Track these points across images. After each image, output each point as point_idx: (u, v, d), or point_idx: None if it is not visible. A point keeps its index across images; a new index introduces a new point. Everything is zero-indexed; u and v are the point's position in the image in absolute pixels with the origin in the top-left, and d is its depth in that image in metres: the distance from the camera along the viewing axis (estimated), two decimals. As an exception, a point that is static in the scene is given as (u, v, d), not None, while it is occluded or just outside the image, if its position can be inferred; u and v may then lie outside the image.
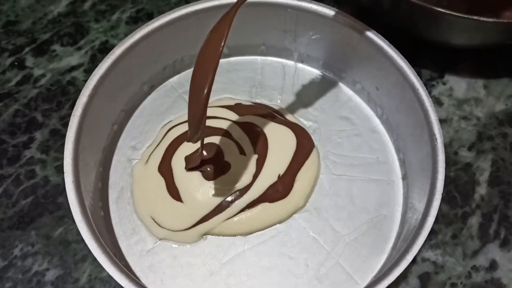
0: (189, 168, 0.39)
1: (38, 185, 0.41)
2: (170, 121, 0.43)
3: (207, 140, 0.40)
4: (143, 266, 0.38)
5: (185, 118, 0.42)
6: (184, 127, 0.41)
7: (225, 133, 0.41)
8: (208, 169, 0.39)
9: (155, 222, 0.39)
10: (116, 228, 0.39)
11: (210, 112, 0.41)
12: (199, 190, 0.39)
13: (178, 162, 0.40)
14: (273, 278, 0.37)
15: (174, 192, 0.39)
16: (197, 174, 0.39)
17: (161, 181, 0.40)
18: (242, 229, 0.39)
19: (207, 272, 0.38)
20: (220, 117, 0.42)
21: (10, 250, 0.39)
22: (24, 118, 0.44)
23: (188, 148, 0.40)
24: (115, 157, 0.42)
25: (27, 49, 0.47)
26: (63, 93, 0.45)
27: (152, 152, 0.41)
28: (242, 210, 0.39)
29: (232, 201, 0.39)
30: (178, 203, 0.39)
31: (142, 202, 0.40)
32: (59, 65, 0.46)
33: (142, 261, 0.38)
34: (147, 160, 0.41)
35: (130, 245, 0.38)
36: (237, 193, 0.39)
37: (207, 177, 0.39)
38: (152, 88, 0.44)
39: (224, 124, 0.41)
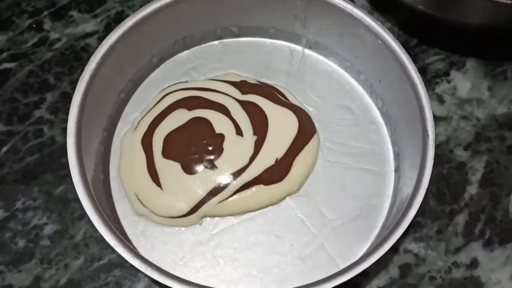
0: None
1: (45, 144, 0.43)
2: (170, 85, 0.44)
3: (201, 113, 0.41)
4: (136, 230, 0.39)
5: (187, 85, 0.43)
6: (183, 94, 0.42)
7: (224, 110, 0.41)
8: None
9: (138, 199, 0.39)
10: (114, 192, 0.40)
11: (212, 85, 0.43)
12: (183, 178, 0.39)
13: (159, 139, 0.40)
14: (258, 254, 0.39)
15: (154, 175, 0.39)
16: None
17: (142, 157, 0.40)
18: (234, 210, 0.39)
19: (196, 241, 0.39)
20: (221, 91, 0.42)
21: (13, 202, 0.41)
22: (37, 79, 0.45)
23: (177, 119, 0.40)
24: (119, 124, 0.43)
25: (45, 12, 0.49)
26: (76, 58, 0.46)
27: (142, 118, 0.41)
28: (236, 191, 0.39)
29: (226, 185, 0.39)
30: (158, 189, 0.39)
31: (125, 176, 0.40)
32: (75, 30, 0.48)
33: (135, 226, 0.39)
34: (136, 127, 0.41)
35: (125, 210, 0.40)
36: (231, 175, 0.39)
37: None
38: (161, 61, 0.45)
39: (224, 100, 0.42)
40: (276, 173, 0.40)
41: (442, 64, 0.47)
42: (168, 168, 0.39)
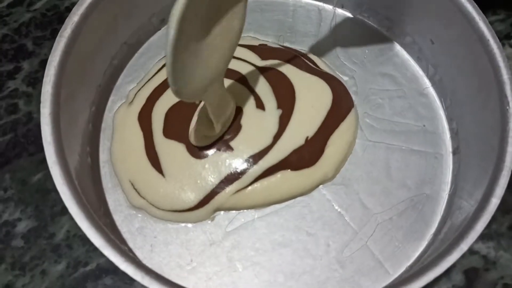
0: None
1: (20, 122, 0.36)
2: None
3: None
4: (132, 227, 0.32)
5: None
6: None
7: (240, 79, 0.34)
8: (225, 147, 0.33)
9: (135, 189, 0.33)
10: (104, 179, 0.33)
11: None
12: (190, 162, 0.32)
13: (159, 114, 0.34)
14: (286, 257, 0.31)
15: (153, 159, 0.33)
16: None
17: (140, 136, 0.33)
18: (255, 201, 0.33)
19: (207, 241, 0.32)
20: (236, 57, 0.35)
21: (-22, 193, 0.33)
22: (12, 44, 0.39)
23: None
24: (111, 98, 0.36)
25: (24, -33, 0.41)
26: (59, 20, 0.40)
27: (139, 90, 0.35)
28: (257, 178, 0.32)
29: (244, 170, 0.32)
30: (159, 176, 0.32)
31: (119, 160, 0.34)
32: (59, -12, 0.40)
33: (131, 221, 0.32)
34: (132, 101, 0.35)
35: (118, 201, 0.33)
36: (251, 158, 0.32)
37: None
38: (162, 22, 0.38)
39: (241, 67, 0.35)
40: (306, 155, 0.33)
41: (503, 26, 0.40)
42: (171, 150, 0.33)
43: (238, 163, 0.32)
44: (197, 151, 0.32)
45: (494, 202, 0.26)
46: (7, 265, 0.32)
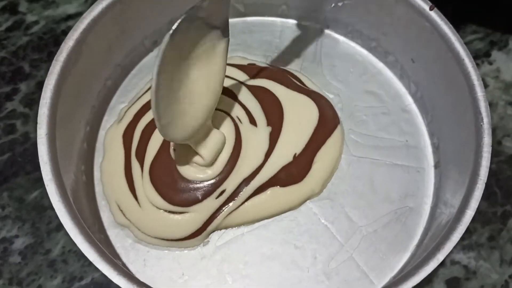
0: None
1: (17, 142, 0.37)
2: None
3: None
4: (125, 242, 0.33)
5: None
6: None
7: (232, 95, 0.35)
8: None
9: (120, 210, 0.33)
10: (98, 196, 0.34)
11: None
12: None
13: (139, 130, 0.34)
14: (274, 269, 0.32)
15: (130, 181, 0.33)
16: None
17: (121, 156, 0.34)
18: (246, 219, 0.33)
19: (198, 255, 0.32)
20: (227, 75, 0.35)
21: (-23, 211, 0.34)
22: (10, 67, 0.39)
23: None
24: (105, 117, 0.37)
25: (21, -8, 0.42)
26: (55, 43, 0.40)
27: (129, 108, 0.35)
28: (249, 197, 0.33)
29: (239, 192, 0.32)
30: (136, 204, 0.32)
31: (106, 179, 0.34)
32: (55, 12, 0.42)
33: (124, 237, 0.33)
34: (121, 119, 0.35)
35: (112, 217, 0.33)
36: (246, 179, 0.32)
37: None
38: (154, 44, 0.39)
39: (231, 85, 0.35)
40: (294, 172, 0.33)
41: (482, 44, 0.41)
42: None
43: (233, 185, 0.32)
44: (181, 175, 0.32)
45: (469, 214, 0.27)
46: (4, 281, 0.32)
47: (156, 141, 0.33)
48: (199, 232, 0.32)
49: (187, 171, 0.32)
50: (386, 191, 0.35)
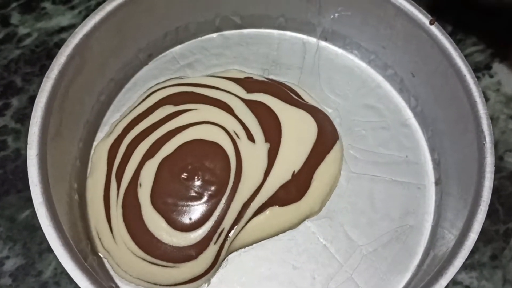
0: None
1: (8, 159, 0.36)
2: (159, 83, 0.37)
3: (201, 114, 0.33)
4: (120, 264, 0.32)
5: (180, 81, 0.36)
6: (173, 90, 0.35)
7: (229, 110, 0.34)
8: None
9: (99, 238, 0.31)
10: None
11: (210, 82, 0.36)
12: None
13: (125, 145, 0.33)
14: (272, 290, 0.31)
15: (107, 207, 0.31)
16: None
17: (103, 174, 0.32)
18: (245, 242, 0.32)
19: (194, 276, 0.31)
20: (222, 89, 0.35)
21: (-33, 231, 0.33)
22: (2, 81, 0.39)
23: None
24: (99, 133, 0.36)
25: (14, 4, 0.42)
26: (48, 56, 0.39)
27: (120, 121, 0.34)
28: (249, 219, 0.32)
29: (242, 213, 0.31)
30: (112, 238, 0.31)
31: (89, 198, 0.32)
32: (48, 24, 0.41)
33: (119, 258, 0.32)
34: (111, 132, 0.34)
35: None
36: (247, 201, 0.31)
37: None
38: (149, 57, 0.38)
39: (228, 99, 0.34)
40: (293, 190, 0.32)
41: (482, 56, 0.40)
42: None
43: (232, 216, 0.31)
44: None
45: (472, 237, 0.27)
46: (-5, 304, 0.32)
47: (136, 157, 0.32)
48: (199, 278, 0.30)
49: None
50: (386, 209, 0.34)
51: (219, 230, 0.30)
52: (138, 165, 0.32)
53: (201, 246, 0.30)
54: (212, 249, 0.30)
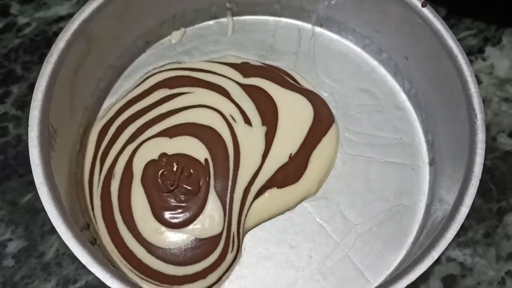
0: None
1: (10, 144, 0.36)
2: (155, 68, 0.37)
3: (197, 98, 0.34)
4: (120, 244, 0.32)
5: (176, 65, 0.37)
6: (169, 74, 0.35)
7: (225, 94, 0.34)
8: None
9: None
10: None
11: (208, 67, 0.36)
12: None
13: (114, 127, 0.33)
14: (269, 269, 0.32)
15: (91, 192, 0.32)
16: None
17: (90, 156, 0.33)
18: (247, 225, 0.32)
19: (193, 256, 0.32)
20: (219, 73, 0.35)
21: (-31, 215, 0.34)
22: (2, 69, 0.39)
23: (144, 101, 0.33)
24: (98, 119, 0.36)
25: (13, -6, 0.42)
26: (47, 45, 0.40)
27: (115, 104, 0.35)
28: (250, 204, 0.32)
29: (245, 196, 0.32)
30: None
31: (84, 187, 0.33)
32: (47, 14, 0.41)
33: (119, 238, 0.32)
34: (105, 115, 0.34)
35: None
36: (247, 186, 0.32)
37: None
38: (147, 44, 0.39)
39: (224, 84, 0.35)
40: (290, 172, 0.33)
41: (475, 40, 0.41)
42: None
43: (238, 190, 0.31)
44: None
45: (464, 211, 0.27)
46: (-2, 285, 0.32)
47: (121, 140, 0.33)
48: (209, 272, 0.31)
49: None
50: (381, 189, 0.35)
51: (231, 240, 0.31)
52: (120, 150, 0.32)
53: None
54: (229, 258, 0.31)
